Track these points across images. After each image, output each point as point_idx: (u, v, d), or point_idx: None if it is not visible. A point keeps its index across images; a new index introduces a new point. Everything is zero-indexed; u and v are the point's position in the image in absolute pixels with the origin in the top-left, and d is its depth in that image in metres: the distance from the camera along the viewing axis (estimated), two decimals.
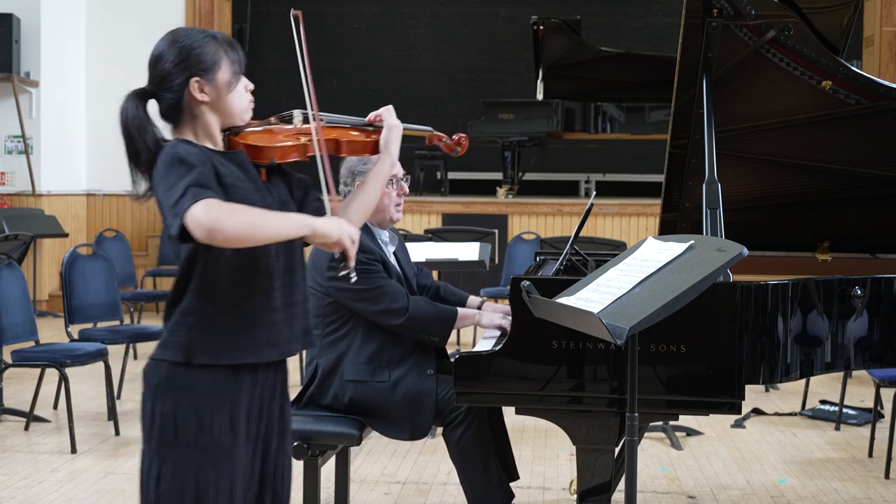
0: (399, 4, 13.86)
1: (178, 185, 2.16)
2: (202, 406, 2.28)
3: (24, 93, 10.15)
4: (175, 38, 2.36)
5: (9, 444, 5.33)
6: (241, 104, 2.39)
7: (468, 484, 3.60)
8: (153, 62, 2.35)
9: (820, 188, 4.07)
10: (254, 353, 2.32)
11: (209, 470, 2.28)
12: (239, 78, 2.38)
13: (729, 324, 3.03)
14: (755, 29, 3.58)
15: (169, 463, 2.28)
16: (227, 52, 2.37)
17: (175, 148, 2.25)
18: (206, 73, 2.32)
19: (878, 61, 10.38)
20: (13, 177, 10.31)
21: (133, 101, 2.32)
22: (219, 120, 2.37)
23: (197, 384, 2.28)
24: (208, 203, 2.12)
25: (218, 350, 2.28)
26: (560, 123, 11.52)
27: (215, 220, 2.09)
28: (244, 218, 2.15)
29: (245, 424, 2.33)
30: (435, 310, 3.60)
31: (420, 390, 3.57)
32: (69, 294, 5.81)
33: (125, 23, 10.89)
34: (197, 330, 2.28)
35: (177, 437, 2.28)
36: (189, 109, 2.34)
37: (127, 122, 2.29)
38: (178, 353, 2.28)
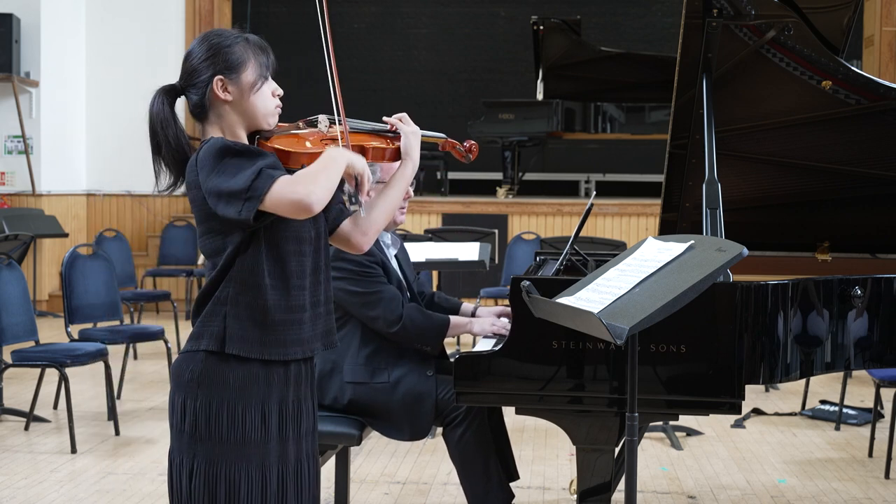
0: (399, 4, 13.86)
1: (246, 169, 2.21)
2: (234, 401, 2.31)
3: (24, 93, 10.15)
4: (207, 36, 2.39)
5: (9, 444, 5.33)
6: (266, 107, 2.38)
7: (468, 484, 3.61)
8: (184, 58, 2.39)
9: (820, 188, 4.07)
10: (282, 350, 2.35)
11: (241, 465, 2.31)
12: (265, 81, 2.38)
13: (729, 324, 3.03)
14: (755, 29, 3.58)
15: (201, 458, 2.31)
16: (257, 54, 2.38)
17: (221, 141, 2.28)
18: (231, 73, 2.34)
19: (878, 61, 10.38)
20: (13, 177, 10.31)
21: (160, 97, 2.36)
22: (242, 121, 2.38)
23: (229, 378, 2.31)
24: (286, 181, 2.20)
25: (250, 343, 2.31)
26: (560, 123, 11.52)
27: (302, 193, 2.17)
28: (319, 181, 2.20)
29: (278, 421, 2.36)
30: (427, 320, 3.59)
31: (420, 391, 3.57)
32: (69, 294, 5.81)
33: (125, 23, 10.89)
34: (232, 319, 2.30)
35: (209, 432, 2.30)
36: (214, 108, 2.36)
37: (152, 117, 2.34)
38: (212, 342, 2.30)
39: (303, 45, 13.75)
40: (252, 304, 2.30)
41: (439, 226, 9.59)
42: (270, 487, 2.34)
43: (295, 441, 2.41)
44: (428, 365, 3.62)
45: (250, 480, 2.31)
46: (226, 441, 2.31)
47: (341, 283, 3.56)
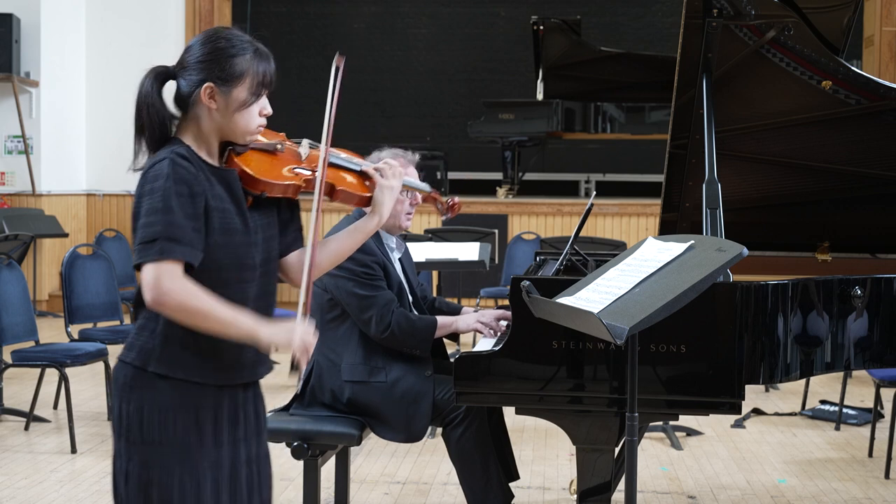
0: (399, 4, 13.86)
1: (153, 226, 2.13)
2: (165, 406, 2.26)
3: (24, 93, 10.15)
4: (215, 36, 2.29)
5: (9, 444, 5.33)
6: (247, 126, 2.29)
7: (468, 484, 3.61)
8: (186, 48, 2.32)
9: (820, 188, 4.07)
10: (217, 375, 2.29)
11: (175, 469, 2.26)
12: (256, 100, 2.28)
13: (729, 324, 3.03)
14: (755, 29, 3.58)
15: (135, 461, 2.27)
16: (258, 70, 2.27)
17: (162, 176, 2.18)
18: (224, 84, 2.25)
19: (878, 61, 10.38)
20: (13, 177, 10.31)
21: (150, 79, 2.29)
22: (219, 132, 2.30)
23: (160, 387, 2.26)
24: (167, 272, 2.12)
25: (177, 365, 2.25)
26: (560, 123, 11.52)
27: (164, 293, 2.11)
28: (194, 304, 2.13)
29: (213, 426, 2.30)
30: (412, 327, 3.59)
31: (418, 392, 3.58)
32: (69, 294, 5.81)
33: (125, 22, 10.88)
34: (159, 338, 2.25)
35: (142, 436, 2.26)
36: (195, 108, 2.28)
37: (139, 97, 2.27)
38: (137, 358, 2.26)
39: (303, 45, 13.79)
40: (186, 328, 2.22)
41: (439, 226, 9.59)
42: (204, 492, 2.28)
43: (231, 446, 2.34)
44: (426, 365, 3.62)
45: (183, 485, 2.26)
46: (157, 445, 2.26)
47: (343, 282, 3.57)
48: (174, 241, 2.14)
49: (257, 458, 2.41)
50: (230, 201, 2.27)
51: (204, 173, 2.24)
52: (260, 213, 2.35)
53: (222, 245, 2.23)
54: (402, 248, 3.85)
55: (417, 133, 13.55)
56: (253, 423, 2.40)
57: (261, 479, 2.42)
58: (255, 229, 2.32)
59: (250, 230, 2.30)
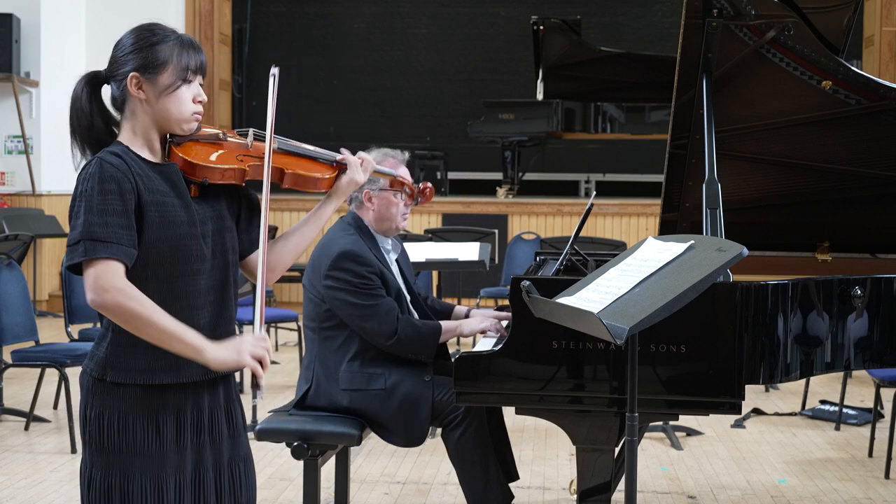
0: (399, 4, 13.86)
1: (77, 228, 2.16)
2: (125, 413, 2.25)
3: (24, 93, 10.16)
4: (139, 28, 2.33)
5: (9, 444, 5.33)
6: (180, 112, 2.27)
7: (467, 485, 3.61)
8: (114, 46, 2.34)
9: (820, 188, 4.07)
10: (173, 373, 2.27)
11: (135, 475, 2.25)
12: (181, 84, 2.27)
13: (729, 324, 3.03)
14: (755, 29, 3.58)
15: (98, 467, 2.27)
16: (182, 55, 2.28)
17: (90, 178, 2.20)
18: (148, 71, 2.26)
19: (878, 61, 10.38)
20: (13, 177, 10.31)
21: (82, 83, 2.33)
22: (154, 123, 2.29)
23: (119, 394, 2.25)
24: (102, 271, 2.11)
25: (132, 370, 2.24)
26: (560, 123, 11.52)
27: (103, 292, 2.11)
28: (133, 307, 2.12)
29: (175, 432, 2.29)
30: (419, 333, 3.59)
31: (416, 397, 3.57)
32: (69, 294, 5.81)
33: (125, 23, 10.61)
34: (113, 347, 2.25)
35: (102, 442, 2.26)
36: (129, 104, 2.30)
37: (71, 102, 2.34)
38: (95, 368, 2.27)
39: (302, 45, 13.78)
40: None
41: (439, 226, 9.59)
42: (167, 498, 2.27)
43: (194, 450, 2.32)
44: (425, 370, 3.62)
45: (143, 491, 2.25)
46: (118, 451, 2.25)
47: (339, 293, 3.55)
48: (97, 240, 2.14)
49: (231, 461, 2.39)
50: (173, 195, 2.26)
51: (140, 169, 2.24)
52: (208, 205, 2.33)
53: (164, 239, 2.21)
54: (399, 249, 3.84)
55: (417, 133, 13.56)
56: (224, 425, 2.38)
57: (235, 482, 2.39)
58: (203, 220, 2.30)
59: (196, 221, 2.28)
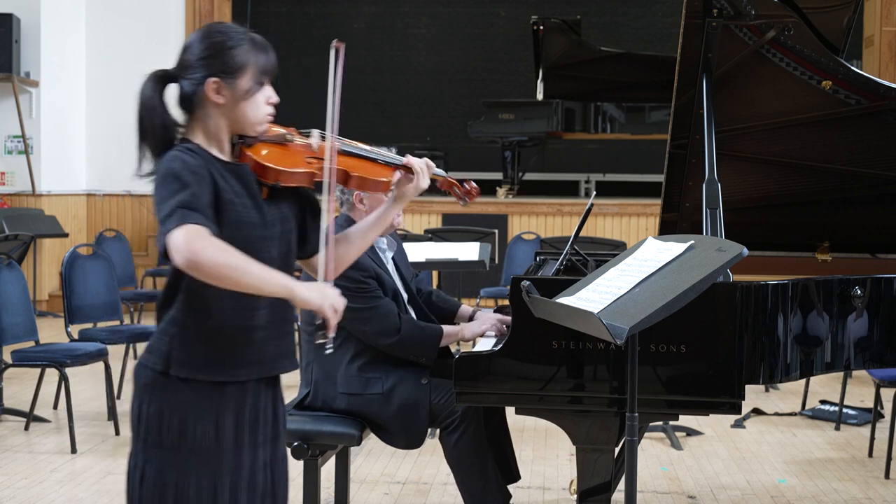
0: (399, 4, 13.86)
1: (169, 201, 2.12)
2: (185, 411, 2.26)
3: (24, 93, 10.15)
4: (210, 32, 2.30)
5: (9, 444, 5.33)
6: (256, 115, 2.30)
7: (465, 487, 3.60)
8: (182, 49, 2.31)
9: (820, 188, 4.07)
10: (234, 371, 2.28)
11: (192, 473, 2.26)
12: (260, 88, 2.29)
13: (729, 324, 3.03)
14: (755, 29, 3.58)
15: (153, 463, 2.27)
16: (258, 57, 2.28)
17: (174, 160, 2.20)
18: (228, 76, 2.25)
19: (878, 61, 10.38)
20: (13, 177, 10.31)
21: (151, 83, 2.27)
22: (229, 125, 2.30)
23: (181, 391, 2.26)
24: (193, 230, 2.08)
25: (197, 366, 2.25)
26: (560, 123, 11.51)
27: (195, 251, 2.06)
28: (225, 258, 2.09)
29: (234, 431, 2.30)
30: (421, 334, 3.59)
31: (414, 401, 3.57)
32: (69, 294, 5.81)
33: (125, 22, 10.89)
34: (178, 342, 2.25)
35: (161, 438, 2.26)
36: (202, 106, 2.28)
37: (140, 102, 2.26)
38: (158, 362, 2.26)
39: (303, 45, 13.78)
40: (201, 324, 2.24)
41: (439, 226, 9.59)
42: (222, 497, 2.28)
43: (251, 450, 2.34)
44: (422, 373, 3.61)
45: (200, 490, 2.26)
46: (176, 449, 2.25)
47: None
48: (192, 209, 2.12)
49: (273, 462, 2.41)
50: (246, 196, 2.27)
51: (216, 168, 2.25)
52: (276, 207, 2.35)
53: (237, 238, 2.21)
54: (395, 247, 3.83)
55: (417, 133, 13.56)
56: (271, 426, 2.40)
57: (275, 482, 2.41)
58: (273, 222, 2.32)
59: (267, 223, 2.30)
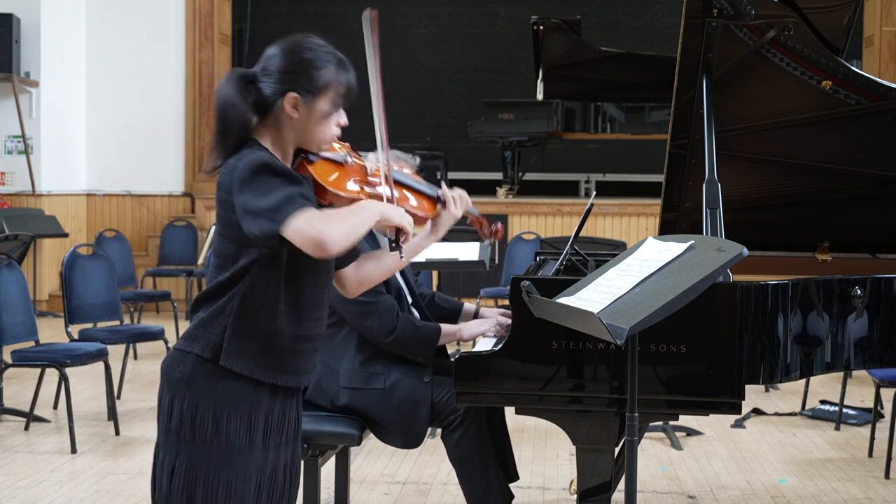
0: (399, 4, 13.86)
1: (279, 190, 2.16)
2: (220, 407, 2.28)
3: (24, 93, 10.15)
4: (298, 47, 2.31)
5: (9, 444, 5.33)
6: (325, 137, 2.34)
7: (467, 486, 3.61)
8: (267, 56, 2.32)
9: (820, 188, 4.07)
10: (277, 376, 2.32)
11: (223, 470, 2.29)
12: (336, 111, 2.34)
13: (729, 324, 3.03)
14: (755, 29, 3.58)
15: (183, 458, 2.29)
16: (341, 80, 2.33)
17: (261, 155, 2.22)
18: (308, 95, 2.29)
19: (878, 61, 10.38)
20: (13, 177, 10.31)
21: (232, 82, 2.29)
22: (296, 139, 2.33)
23: (218, 385, 2.28)
24: (311, 215, 2.14)
25: (247, 361, 2.28)
26: (560, 123, 11.51)
27: (322, 232, 2.11)
28: (343, 226, 2.15)
29: (263, 431, 2.33)
30: (418, 334, 3.60)
31: (415, 398, 3.57)
32: (69, 294, 5.81)
33: (125, 22, 10.89)
34: (231, 332, 2.27)
35: (194, 434, 2.28)
36: (276, 115, 2.30)
37: (221, 100, 2.28)
38: (207, 349, 2.28)
39: None
40: (259, 325, 2.27)
41: None
42: (248, 495, 2.31)
43: (275, 450, 2.38)
44: (425, 371, 3.62)
45: (229, 487, 2.28)
46: (209, 445, 2.28)
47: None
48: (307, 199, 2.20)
49: (293, 462, 2.45)
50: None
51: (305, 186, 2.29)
52: None
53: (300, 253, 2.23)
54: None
55: (417, 133, 13.56)
56: (293, 428, 2.44)
57: (293, 482, 2.46)
58: None
59: None
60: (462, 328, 3.70)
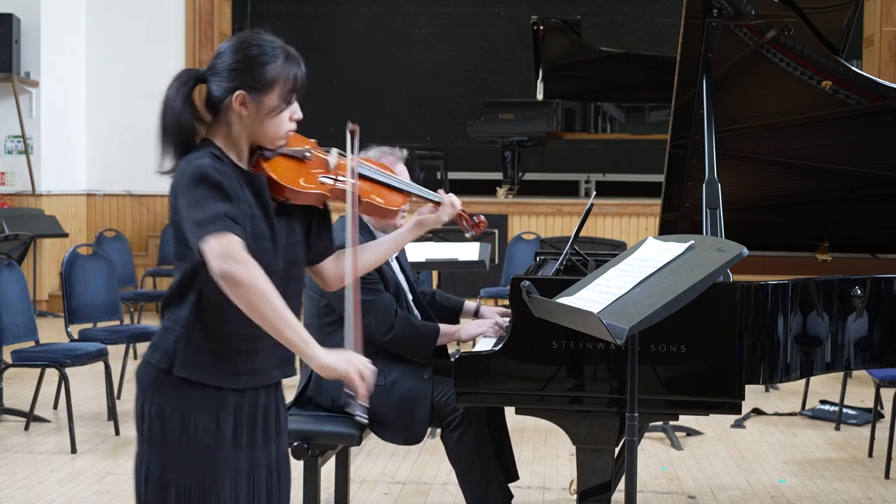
0: (399, 4, 13.86)
1: (210, 206, 2.14)
2: (187, 408, 2.27)
3: (24, 93, 10.15)
4: (246, 42, 2.29)
5: (9, 444, 5.33)
6: (277, 132, 2.31)
7: (467, 486, 3.61)
8: (216, 54, 2.31)
9: (820, 188, 4.07)
10: (233, 380, 2.30)
11: (195, 472, 2.27)
12: (287, 106, 2.30)
13: (729, 324, 3.03)
14: (755, 29, 3.58)
15: (156, 462, 2.28)
16: (289, 75, 2.28)
17: (205, 163, 2.21)
18: (255, 91, 2.26)
19: (878, 61, 10.38)
20: (13, 177, 10.31)
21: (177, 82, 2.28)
22: (249, 136, 2.31)
23: (182, 390, 2.27)
24: (239, 244, 2.12)
25: (200, 369, 2.27)
26: (560, 123, 11.51)
27: (238, 265, 2.10)
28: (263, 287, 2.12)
29: (234, 430, 2.31)
30: (416, 333, 3.60)
31: (416, 395, 3.57)
32: (69, 294, 5.81)
33: (125, 22, 10.88)
34: (184, 343, 2.26)
35: (163, 436, 2.27)
36: (225, 114, 2.29)
37: (163, 100, 2.28)
38: (163, 360, 2.27)
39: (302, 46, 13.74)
40: (208, 329, 2.26)
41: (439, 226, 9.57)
42: (223, 496, 2.29)
43: (249, 449, 2.35)
44: (425, 368, 3.62)
45: (202, 488, 2.27)
46: (179, 447, 2.27)
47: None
48: (236, 222, 2.16)
49: (276, 461, 2.42)
50: (258, 206, 2.28)
51: (235, 176, 2.26)
52: (284, 219, 2.36)
53: (253, 250, 2.22)
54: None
55: (417, 133, 13.56)
56: (273, 425, 2.41)
57: (280, 481, 2.43)
58: (280, 235, 2.33)
59: (276, 236, 2.31)
60: (460, 329, 3.71)
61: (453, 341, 3.70)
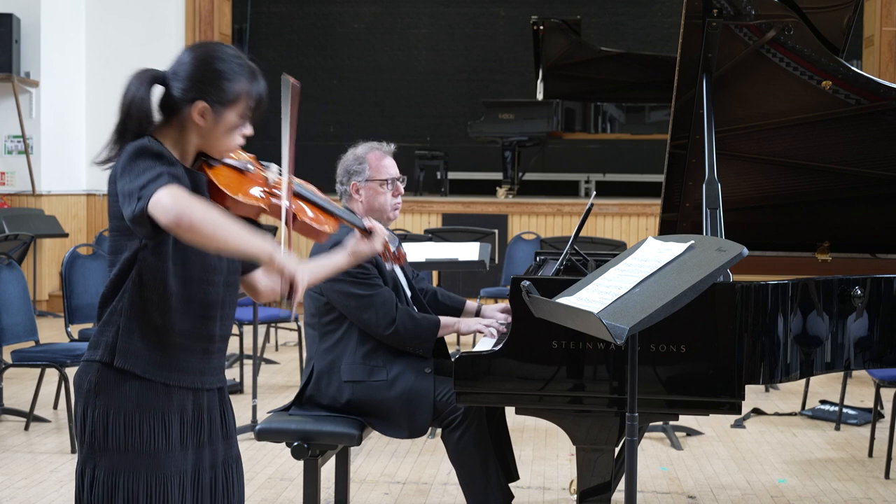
0: (399, 4, 13.86)
1: (150, 171, 2.12)
2: (131, 410, 2.25)
3: (24, 93, 10.16)
4: (211, 57, 2.28)
5: (9, 444, 5.33)
6: (229, 146, 2.32)
7: (467, 485, 3.61)
8: (178, 61, 2.30)
9: (820, 188, 4.07)
10: (178, 376, 2.29)
11: (141, 474, 2.26)
12: (244, 123, 2.31)
13: (729, 324, 3.03)
14: (755, 29, 3.58)
15: (101, 467, 2.26)
16: (252, 93, 2.29)
17: (147, 142, 2.21)
18: (218, 106, 2.26)
19: (878, 61, 10.38)
20: (13, 177, 10.31)
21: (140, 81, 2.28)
22: (199, 144, 2.31)
23: (125, 388, 2.25)
24: (178, 191, 2.08)
25: (142, 361, 2.25)
26: (560, 123, 11.51)
27: (184, 207, 2.04)
28: (212, 215, 2.07)
29: (180, 430, 2.31)
30: (416, 326, 3.61)
31: (418, 389, 3.58)
32: (69, 294, 5.81)
33: (125, 23, 10.89)
34: (125, 332, 2.25)
35: (107, 441, 2.26)
36: (180, 119, 2.28)
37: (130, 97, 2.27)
38: (105, 353, 2.26)
39: (303, 45, 13.78)
40: (150, 321, 2.25)
41: (439, 226, 9.59)
42: (171, 497, 2.28)
43: (196, 450, 2.34)
44: (426, 362, 3.63)
45: (150, 490, 2.26)
46: (124, 451, 2.25)
47: (338, 284, 3.56)
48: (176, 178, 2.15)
49: (225, 462, 2.42)
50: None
51: (178, 168, 2.25)
52: None
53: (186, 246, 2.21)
54: (396, 242, 3.83)
55: (417, 133, 13.56)
56: (219, 426, 2.41)
57: (228, 482, 2.42)
58: None
59: None
60: (460, 322, 3.72)
61: (453, 332, 3.71)
